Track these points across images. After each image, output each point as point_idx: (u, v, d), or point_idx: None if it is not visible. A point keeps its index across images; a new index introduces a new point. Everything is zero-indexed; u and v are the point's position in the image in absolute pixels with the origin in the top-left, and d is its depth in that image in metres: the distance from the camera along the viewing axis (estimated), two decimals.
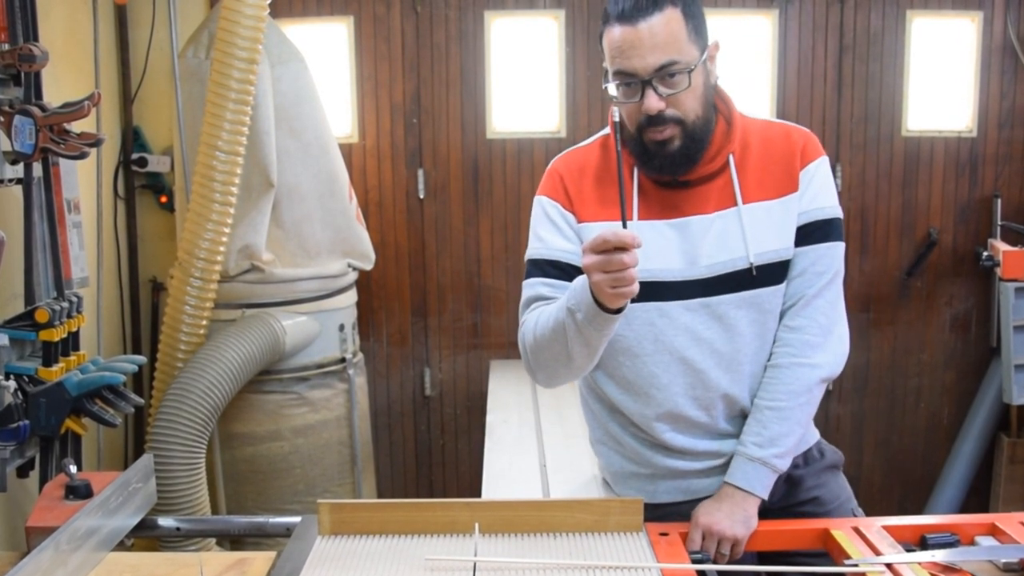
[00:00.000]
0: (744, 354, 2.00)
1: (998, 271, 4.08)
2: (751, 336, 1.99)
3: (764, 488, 1.95)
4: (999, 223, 4.27)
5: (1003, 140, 4.28)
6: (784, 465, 1.98)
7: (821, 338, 1.99)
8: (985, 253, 4.17)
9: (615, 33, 1.86)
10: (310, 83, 3.67)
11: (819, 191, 2.00)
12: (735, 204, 1.98)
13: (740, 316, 1.98)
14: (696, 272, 1.97)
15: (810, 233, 1.99)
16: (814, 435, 2.17)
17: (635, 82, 1.86)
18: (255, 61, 3.24)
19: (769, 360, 2.01)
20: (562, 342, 1.86)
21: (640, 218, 1.99)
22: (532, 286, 2.04)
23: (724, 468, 2.02)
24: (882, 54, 4.23)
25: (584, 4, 4.19)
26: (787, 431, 1.96)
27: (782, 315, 2.01)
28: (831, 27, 4.21)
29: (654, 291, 1.96)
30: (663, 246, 1.98)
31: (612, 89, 1.91)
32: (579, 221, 2.04)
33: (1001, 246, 4.11)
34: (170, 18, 3.64)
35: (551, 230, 2.05)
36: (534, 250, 2.07)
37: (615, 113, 1.84)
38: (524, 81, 4.28)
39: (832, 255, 2.00)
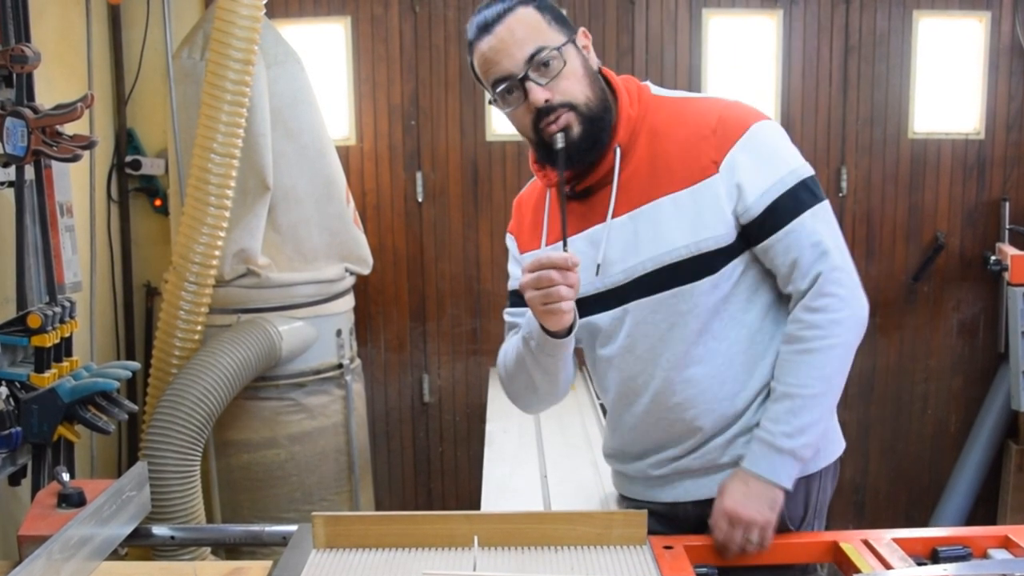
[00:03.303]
0: (665, 358, 1.93)
1: (1006, 275, 4.06)
2: (672, 339, 1.92)
3: (790, 479, 1.86)
4: (1007, 227, 4.25)
5: (1011, 142, 4.26)
6: (810, 455, 1.90)
7: (847, 311, 1.88)
8: (993, 257, 4.16)
9: (480, 49, 1.87)
10: (307, 84, 3.66)
11: (764, 165, 1.87)
12: (636, 204, 1.91)
13: (658, 320, 1.91)
14: (610, 280, 1.94)
15: (782, 212, 1.86)
16: (839, 447, 2.09)
17: (514, 83, 1.85)
18: (251, 62, 3.22)
19: (793, 343, 1.89)
20: (526, 371, 1.97)
21: (552, 240, 2.00)
22: (505, 315, 2.15)
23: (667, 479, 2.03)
24: (888, 55, 4.21)
25: (585, 4, 4.16)
26: (817, 418, 1.88)
27: (797, 298, 1.90)
28: (836, 27, 4.18)
29: (579, 307, 1.92)
30: (584, 264, 1.90)
31: (499, 103, 1.90)
32: (520, 252, 2.12)
33: (1009, 250, 4.08)
34: (164, 18, 3.63)
35: (512, 263, 2.15)
36: (510, 281, 2.17)
37: (558, 140, 1.83)
38: None
39: (819, 219, 1.88)
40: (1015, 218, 4.27)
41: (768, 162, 1.87)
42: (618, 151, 1.92)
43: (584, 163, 1.92)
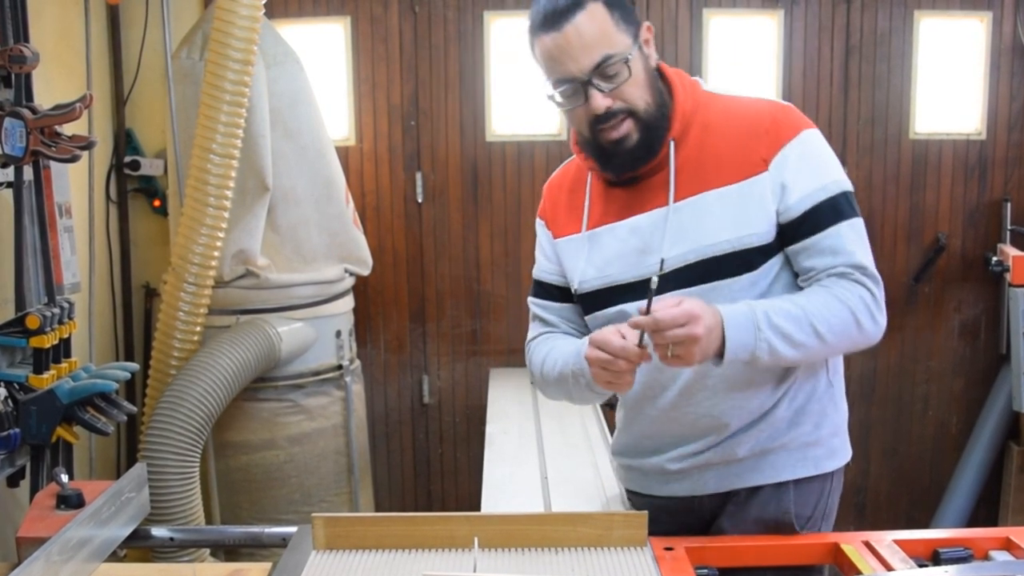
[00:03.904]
0: None
1: (1007, 276, 4.04)
2: None
3: (733, 355, 1.75)
4: (1008, 227, 4.24)
5: (1013, 143, 4.25)
6: (763, 361, 1.78)
7: (876, 308, 1.85)
8: (994, 258, 4.15)
9: (544, 43, 1.83)
10: (306, 85, 3.65)
11: (811, 168, 1.87)
12: (682, 196, 1.89)
13: None
14: (649, 270, 1.87)
15: (821, 217, 1.85)
16: (847, 454, 2.09)
17: (576, 85, 1.83)
18: (250, 62, 3.21)
19: (820, 285, 1.84)
20: (567, 389, 2.01)
21: (593, 225, 1.99)
22: (530, 303, 2.17)
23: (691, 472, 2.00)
24: (889, 55, 4.20)
25: None
26: (798, 342, 1.78)
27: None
28: (837, 27, 4.17)
29: (615, 295, 1.94)
30: (619, 249, 1.94)
31: (557, 98, 1.88)
32: (555, 237, 2.08)
33: (1011, 251, 4.07)
34: (163, 18, 3.62)
35: (539, 250, 2.14)
36: (535, 268, 2.16)
37: (653, 282, 1.71)
38: (524, 82, 4.22)
39: (856, 231, 1.87)
40: (1016, 219, 4.25)
41: (815, 167, 1.87)
42: (672, 144, 1.90)
43: (636, 169, 1.92)
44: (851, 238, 1.85)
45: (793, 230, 1.87)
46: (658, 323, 1.68)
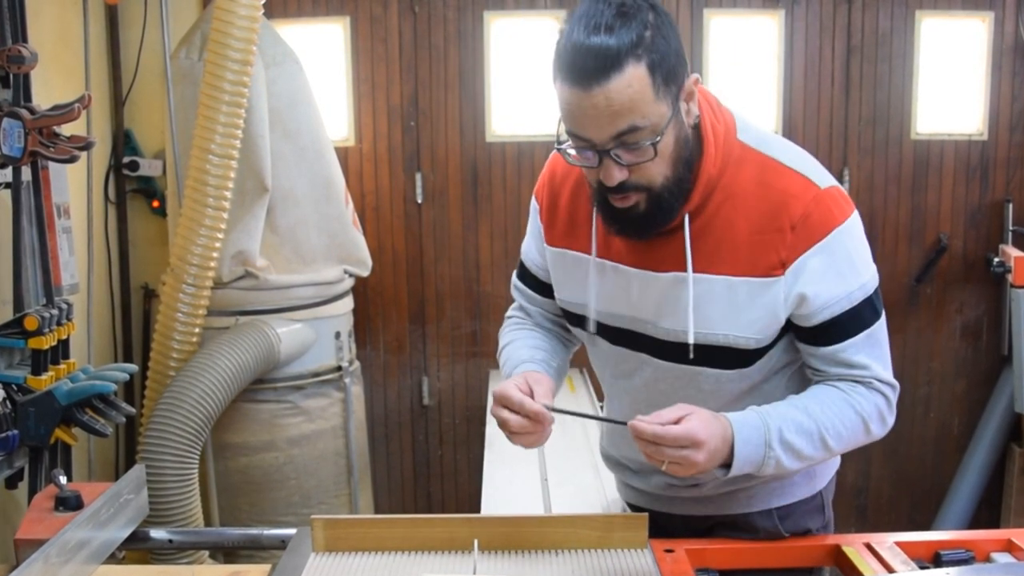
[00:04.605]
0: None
1: (1009, 277, 4.04)
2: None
3: (739, 470, 1.68)
4: (1011, 228, 4.23)
5: (1015, 143, 4.24)
6: (767, 472, 1.71)
7: (889, 417, 1.80)
8: (996, 259, 4.13)
9: (565, 94, 1.57)
10: (305, 85, 3.65)
11: (835, 276, 1.70)
12: (686, 270, 1.73)
13: (678, 386, 1.80)
14: (637, 326, 1.81)
15: (840, 328, 1.73)
16: (828, 471, 2.04)
17: (590, 148, 1.60)
18: (249, 63, 3.21)
19: (840, 390, 1.76)
20: None
21: (604, 255, 1.83)
22: (512, 285, 2.09)
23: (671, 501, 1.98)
24: (891, 55, 4.19)
25: None
26: (807, 455, 1.72)
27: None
28: (838, 28, 4.16)
29: (604, 330, 1.87)
30: (611, 292, 1.83)
31: (569, 150, 1.65)
32: (547, 243, 1.92)
33: (1013, 252, 4.07)
34: (162, 18, 3.61)
35: (530, 234, 2.00)
36: (523, 247, 2.05)
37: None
38: (524, 83, 4.23)
39: (874, 338, 1.76)
40: (1018, 219, 4.25)
41: (840, 274, 1.71)
42: (687, 219, 1.71)
43: (641, 236, 1.74)
44: (868, 350, 1.75)
45: (809, 336, 1.75)
46: (658, 438, 1.58)
